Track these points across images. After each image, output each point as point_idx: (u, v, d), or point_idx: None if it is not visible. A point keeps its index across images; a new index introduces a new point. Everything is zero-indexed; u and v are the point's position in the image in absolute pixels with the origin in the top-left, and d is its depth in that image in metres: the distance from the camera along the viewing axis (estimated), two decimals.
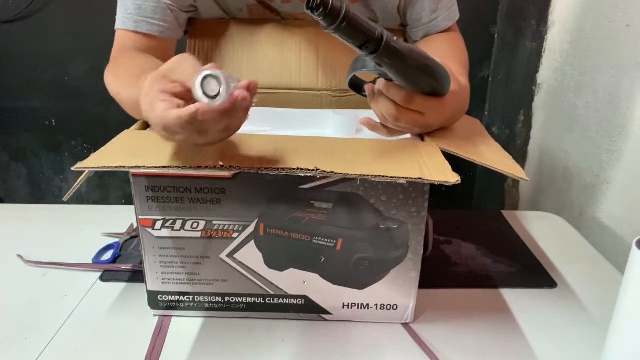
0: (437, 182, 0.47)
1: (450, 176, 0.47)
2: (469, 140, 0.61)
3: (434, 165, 0.50)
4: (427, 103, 0.55)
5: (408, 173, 0.48)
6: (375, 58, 0.48)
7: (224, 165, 0.47)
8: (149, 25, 0.72)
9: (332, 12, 0.43)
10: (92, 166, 0.47)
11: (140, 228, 0.57)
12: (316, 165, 0.47)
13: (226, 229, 0.56)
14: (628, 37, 0.83)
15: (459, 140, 0.60)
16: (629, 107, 0.82)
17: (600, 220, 0.89)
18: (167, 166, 0.47)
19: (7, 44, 1.37)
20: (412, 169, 0.49)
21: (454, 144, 0.58)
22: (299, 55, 0.77)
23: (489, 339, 0.60)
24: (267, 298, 0.60)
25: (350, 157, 0.52)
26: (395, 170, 0.48)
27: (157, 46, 0.74)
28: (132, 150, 0.52)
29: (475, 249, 0.79)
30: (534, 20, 1.16)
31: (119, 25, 0.73)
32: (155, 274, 0.59)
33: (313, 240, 0.57)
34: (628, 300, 0.49)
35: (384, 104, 0.55)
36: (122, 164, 0.48)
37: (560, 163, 1.06)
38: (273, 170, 0.47)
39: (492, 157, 0.58)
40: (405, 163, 0.51)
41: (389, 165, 0.50)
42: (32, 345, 0.58)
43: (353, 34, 0.45)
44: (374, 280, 0.59)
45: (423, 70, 0.52)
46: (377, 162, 0.51)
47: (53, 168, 1.52)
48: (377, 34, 0.46)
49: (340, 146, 0.55)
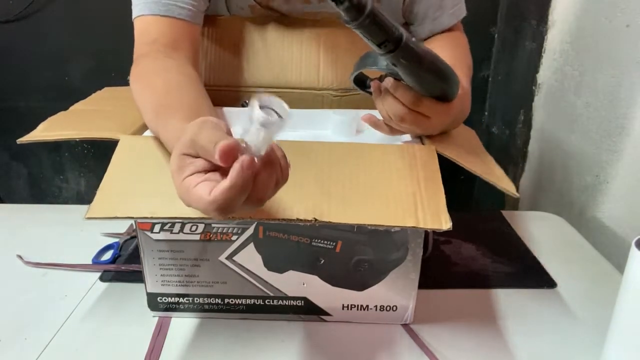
0: (430, 230, 0.49)
1: (443, 223, 0.49)
2: (466, 148, 0.62)
3: (431, 204, 0.51)
4: (434, 106, 0.55)
5: (403, 220, 0.49)
6: (392, 58, 0.47)
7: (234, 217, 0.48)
8: (180, 9, 0.66)
9: (358, 7, 0.42)
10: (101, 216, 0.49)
11: (138, 231, 0.57)
12: (314, 216, 0.49)
13: (225, 231, 0.56)
14: (628, 37, 0.83)
15: (457, 147, 0.61)
16: (629, 107, 0.82)
17: (600, 220, 0.89)
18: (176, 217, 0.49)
19: (7, 44, 1.37)
20: (408, 210, 0.50)
21: (454, 150, 0.58)
22: (300, 55, 0.77)
23: (489, 339, 0.60)
24: (267, 300, 0.60)
25: (347, 194, 0.51)
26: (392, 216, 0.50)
27: (187, 34, 0.68)
28: (135, 183, 0.52)
29: (475, 249, 0.79)
30: (534, 20, 1.16)
31: (142, 11, 0.66)
32: (155, 277, 0.59)
33: (312, 242, 0.57)
34: (628, 300, 0.49)
35: (391, 103, 0.54)
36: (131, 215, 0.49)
37: (560, 163, 1.06)
38: (274, 220, 0.49)
39: (486, 168, 0.59)
40: (402, 201, 0.51)
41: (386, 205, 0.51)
42: (32, 345, 0.58)
43: (374, 31, 0.44)
44: (374, 282, 0.59)
45: (436, 74, 0.52)
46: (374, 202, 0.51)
47: (53, 168, 1.52)
48: (397, 33, 0.45)
49: (337, 179, 0.53)
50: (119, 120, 0.62)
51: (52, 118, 0.60)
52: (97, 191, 0.50)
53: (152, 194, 0.50)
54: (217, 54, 0.77)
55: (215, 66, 0.76)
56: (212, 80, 0.77)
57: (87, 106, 0.67)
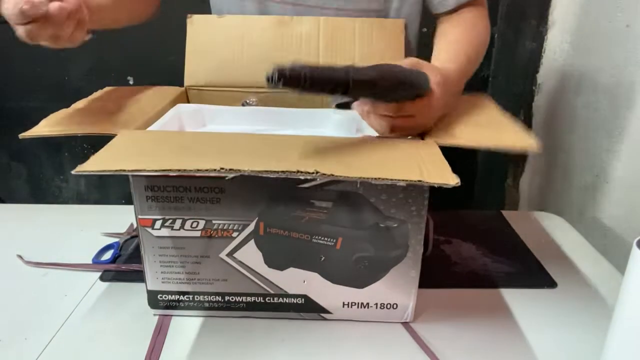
0: (437, 185, 0.47)
1: (449, 178, 0.47)
2: (471, 125, 0.61)
3: (434, 166, 0.50)
4: (414, 106, 0.57)
5: (408, 175, 0.47)
6: (349, 95, 0.49)
7: (224, 169, 0.47)
8: None
9: (293, 79, 0.44)
10: (93, 169, 0.47)
11: (139, 228, 0.57)
12: (316, 168, 0.47)
13: (226, 228, 0.56)
14: (628, 37, 0.83)
15: (461, 127, 0.61)
16: (629, 107, 0.82)
17: (600, 220, 0.89)
18: (167, 169, 0.47)
19: (7, 44, 1.37)
20: (412, 170, 0.49)
21: (455, 135, 0.58)
22: (299, 55, 0.77)
23: (489, 339, 0.60)
24: (267, 297, 0.60)
25: (349, 158, 0.52)
26: (395, 172, 0.48)
27: None
28: (131, 152, 0.52)
29: (475, 249, 0.79)
30: (534, 20, 1.16)
31: None
32: (155, 274, 0.59)
33: (313, 239, 0.57)
34: (628, 300, 0.49)
35: (376, 120, 0.57)
36: (122, 167, 0.48)
37: (560, 163, 1.06)
38: (273, 174, 0.47)
39: (493, 137, 0.58)
40: (405, 164, 0.50)
41: (389, 166, 0.50)
42: (32, 345, 0.58)
43: (320, 86, 0.46)
44: (374, 279, 0.59)
45: (397, 86, 0.54)
46: (377, 163, 0.51)
47: (53, 168, 1.52)
48: (343, 75, 0.47)
49: (340, 146, 0.55)
50: (121, 117, 0.62)
51: (54, 114, 0.61)
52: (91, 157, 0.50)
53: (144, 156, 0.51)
54: (217, 53, 0.77)
55: (215, 66, 0.77)
56: (212, 80, 0.77)
57: (89, 104, 0.67)
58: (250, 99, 0.76)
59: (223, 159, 0.48)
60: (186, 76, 0.77)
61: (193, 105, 0.73)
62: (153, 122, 0.64)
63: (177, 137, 0.58)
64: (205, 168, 0.47)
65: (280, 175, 0.47)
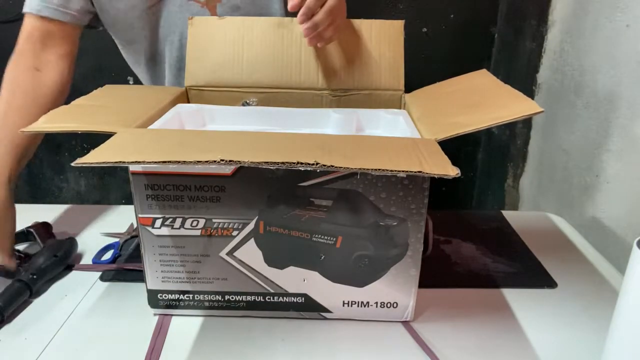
0: (437, 176, 0.46)
1: (449, 169, 0.47)
2: (469, 107, 0.61)
3: (434, 159, 0.50)
4: None
5: (408, 166, 0.47)
6: None
7: (223, 160, 0.47)
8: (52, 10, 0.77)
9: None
10: (92, 162, 0.47)
11: (139, 226, 0.57)
12: (316, 160, 0.47)
13: (226, 227, 0.56)
14: (628, 37, 0.83)
15: (458, 113, 0.60)
16: (629, 107, 0.82)
17: (600, 220, 0.89)
18: (166, 161, 0.47)
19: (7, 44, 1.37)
20: (412, 162, 0.48)
21: (452, 124, 0.57)
22: (299, 55, 0.77)
23: (489, 339, 0.60)
24: (267, 296, 0.60)
25: (349, 152, 0.52)
26: (395, 164, 0.48)
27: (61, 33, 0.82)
28: (131, 147, 0.52)
29: (475, 249, 0.79)
30: (534, 20, 1.16)
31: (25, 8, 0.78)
32: (155, 273, 0.59)
33: (313, 237, 0.57)
34: (628, 300, 0.49)
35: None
36: (121, 160, 0.48)
37: (560, 163, 1.06)
38: (273, 165, 0.47)
39: (491, 113, 0.56)
40: (404, 157, 0.50)
41: (389, 159, 0.50)
42: (32, 345, 0.58)
43: None
44: (374, 278, 0.59)
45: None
46: (377, 157, 0.51)
47: (53, 168, 1.52)
48: None
49: (340, 142, 0.55)
50: (121, 116, 0.62)
51: (53, 111, 0.61)
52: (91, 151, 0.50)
53: (143, 151, 0.50)
54: (218, 54, 0.77)
55: (216, 66, 0.77)
56: (212, 81, 0.77)
57: (89, 101, 0.67)
58: (250, 99, 0.76)
59: (223, 153, 0.48)
60: (186, 76, 0.77)
61: (193, 105, 0.73)
62: (153, 122, 0.64)
63: (177, 134, 0.58)
64: (205, 159, 0.46)
65: (280, 166, 0.47)
